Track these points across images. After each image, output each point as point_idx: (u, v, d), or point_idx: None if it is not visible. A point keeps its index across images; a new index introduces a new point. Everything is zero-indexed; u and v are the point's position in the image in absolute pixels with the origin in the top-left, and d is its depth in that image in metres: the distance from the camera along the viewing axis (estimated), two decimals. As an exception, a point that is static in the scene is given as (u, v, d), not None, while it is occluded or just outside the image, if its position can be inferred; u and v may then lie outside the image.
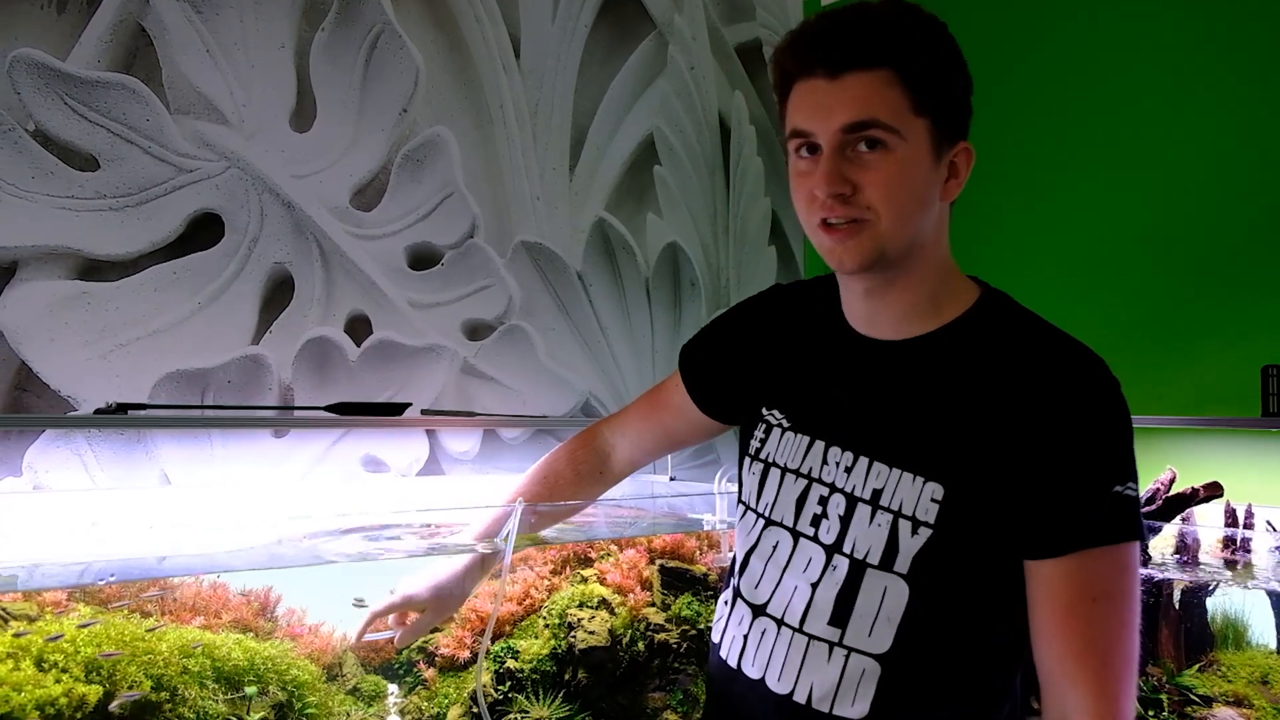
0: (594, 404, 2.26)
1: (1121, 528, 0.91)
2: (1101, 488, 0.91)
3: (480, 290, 2.07)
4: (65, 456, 1.57)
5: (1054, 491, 0.92)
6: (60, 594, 1.42)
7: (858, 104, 0.92)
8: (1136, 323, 2.15)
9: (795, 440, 1.08)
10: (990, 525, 0.94)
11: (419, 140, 1.98)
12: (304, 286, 1.82)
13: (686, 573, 1.90)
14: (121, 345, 1.63)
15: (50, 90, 1.55)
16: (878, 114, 0.91)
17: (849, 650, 0.98)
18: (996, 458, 0.94)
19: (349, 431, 1.84)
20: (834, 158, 0.93)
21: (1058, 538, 0.91)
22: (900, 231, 0.95)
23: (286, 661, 1.54)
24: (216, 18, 1.72)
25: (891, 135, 0.92)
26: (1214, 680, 1.77)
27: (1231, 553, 1.84)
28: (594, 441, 1.37)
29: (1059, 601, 0.91)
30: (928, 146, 0.94)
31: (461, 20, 2.06)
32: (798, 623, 1.02)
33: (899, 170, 0.93)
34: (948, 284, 1.02)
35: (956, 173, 0.97)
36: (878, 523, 0.98)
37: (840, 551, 1.00)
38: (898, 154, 0.92)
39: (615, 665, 1.75)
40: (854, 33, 0.93)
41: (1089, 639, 0.90)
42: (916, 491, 0.96)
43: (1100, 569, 0.91)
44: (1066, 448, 0.91)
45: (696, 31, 2.50)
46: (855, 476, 1.01)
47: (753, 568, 1.09)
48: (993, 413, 0.94)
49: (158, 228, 1.66)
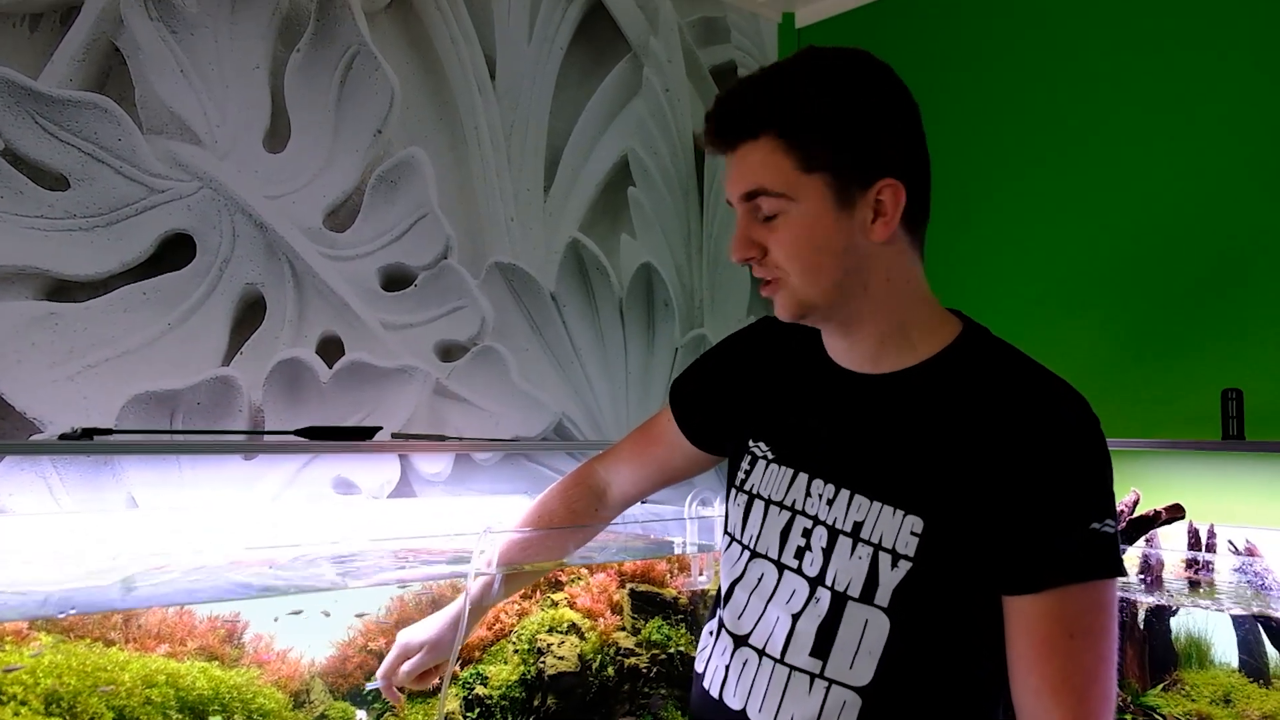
0: (567, 425, 2.26)
1: (1098, 565, 0.91)
2: (1079, 524, 0.91)
3: (453, 311, 2.07)
4: (30, 480, 1.55)
5: (1031, 527, 0.92)
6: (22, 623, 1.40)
7: (746, 174, 0.96)
8: (1100, 346, 2.19)
9: (779, 472, 1.08)
10: (969, 559, 0.95)
11: (393, 161, 1.98)
12: (276, 307, 1.81)
13: (657, 596, 1.91)
14: (90, 366, 1.61)
15: (21, 109, 1.53)
16: (763, 182, 0.95)
17: (830, 682, 0.98)
18: (976, 491, 0.94)
19: (320, 454, 1.83)
20: (743, 223, 0.98)
21: (1034, 573, 0.92)
22: (815, 285, 0.97)
23: (253, 689, 1.53)
24: (191, 37, 1.71)
25: (780, 200, 0.95)
26: (1178, 699, 1.79)
27: (1194, 573, 1.87)
28: (588, 479, 1.36)
29: (1036, 637, 0.92)
30: (828, 200, 0.95)
31: (437, 41, 2.06)
32: (779, 654, 1.02)
33: (796, 231, 0.95)
34: (920, 318, 1.02)
35: (883, 210, 0.96)
36: (858, 555, 0.98)
37: (823, 584, 1.00)
38: (793, 215, 0.95)
39: (585, 690, 1.75)
40: (735, 105, 0.96)
41: (1066, 674, 0.90)
42: (897, 524, 0.97)
43: (1078, 606, 0.91)
44: (1044, 483, 0.92)
45: (672, 54, 2.52)
46: (837, 509, 1.01)
47: (737, 598, 1.09)
48: (973, 447, 0.95)
49: (128, 248, 1.64)
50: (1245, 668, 1.78)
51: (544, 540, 1.36)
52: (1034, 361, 1.00)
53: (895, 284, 1.00)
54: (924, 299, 1.03)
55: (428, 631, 1.33)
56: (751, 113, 0.95)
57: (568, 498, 1.36)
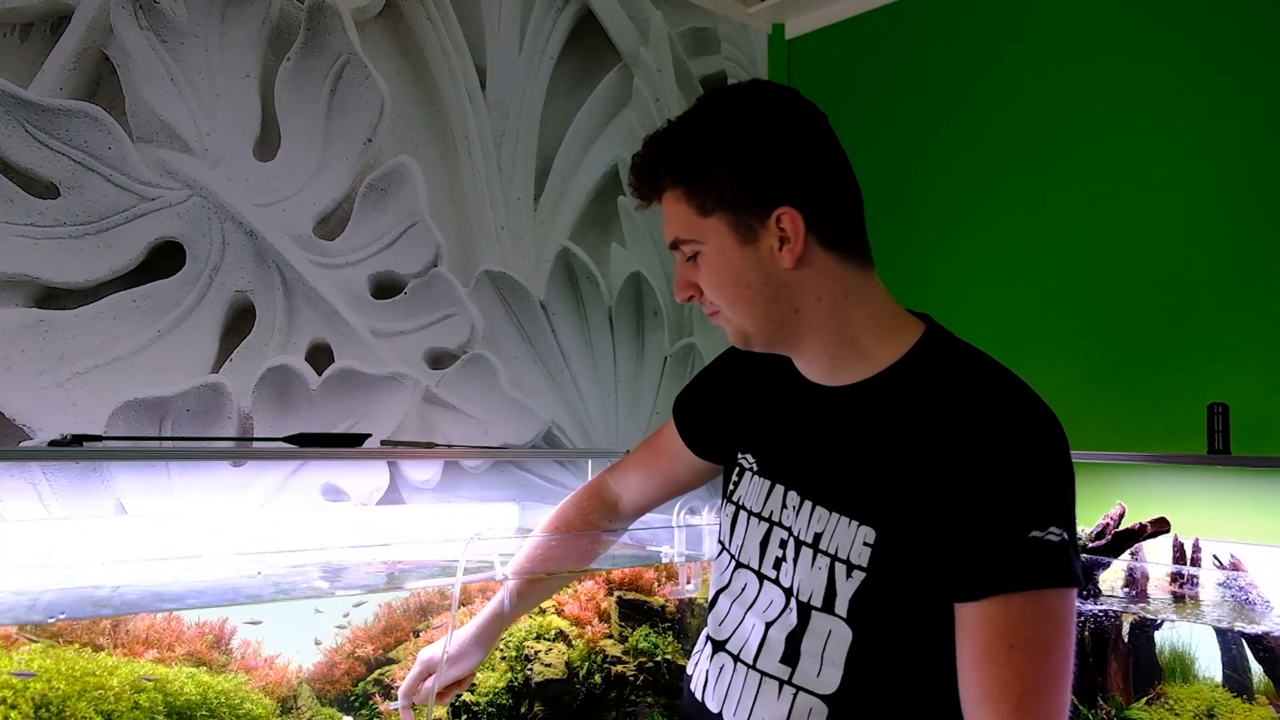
0: (556, 433, 2.27)
1: (1038, 574, 0.89)
2: (1018, 531, 0.89)
3: (443, 319, 2.07)
4: (19, 486, 1.55)
5: (973, 533, 0.91)
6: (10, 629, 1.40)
7: (666, 227, 1.03)
8: (1086, 360, 2.20)
9: (760, 484, 1.11)
10: (921, 568, 0.95)
11: (383, 169, 1.98)
12: (265, 315, 1.82)
13: (644, 604, 1.91)
14: (79, 373, 1.61)
15: (11, 118, 1.54)
16: (676, 232, 1.01)
17: (797, 689, 1.00)
18: (926, 501, 0.94)
19: (309, 461, 1.84)
20: (679, 267, 1.04)
21: (974, 580, 0.91)
22: (745, 317, 1.02)
23: (240, 695, 1.53)
24: (181, 46, 1.72)
25: (694, 244, 1.00)
26: (1162, 713, 1.80)
27: (1179, 587, 1.87)
28: (600, 492, 1.40)
29: (977, 645, 0.91)
30: (730, 238, 0.99)
31: (428, 50, 2.07)
32: (751, 659, 1.05)
33: (712, 270, 1.01)
34: (869, 328, 1.02)
35: (786, 237, 0.97)
36: (818, 566, 1.00)
37: (793, 594, 1.02)
38: (707, 256, 1.00)
39: (572, 698, 1.75)
40: (641, 163, 1.03)
41: (1002, 684, 0.88)
42: (851, 535, 0.98)
43: (1020, 615, 0.89)
44: (986, 489, 0.91)
45: (662, 64, 2.53)
46: (801, 520, 1.03)
47: (720, 606, 1.13)
48: (925, 456, 0.95)
49: (118, 256, 1.65)
50: (1229, 682, 1.78)
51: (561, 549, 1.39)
52: (995, 365, 0.99)
53: (827, 302, 1.00)
54: (870, 305, 1.02)
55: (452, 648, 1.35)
56: (655, 169, 1.01)
57: (583, 510, 1.39)
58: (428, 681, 1.33)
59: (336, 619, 1.74)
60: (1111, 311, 2.16)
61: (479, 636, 1.35)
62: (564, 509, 1.40)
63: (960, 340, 1.03)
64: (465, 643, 1.35)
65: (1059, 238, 2.25)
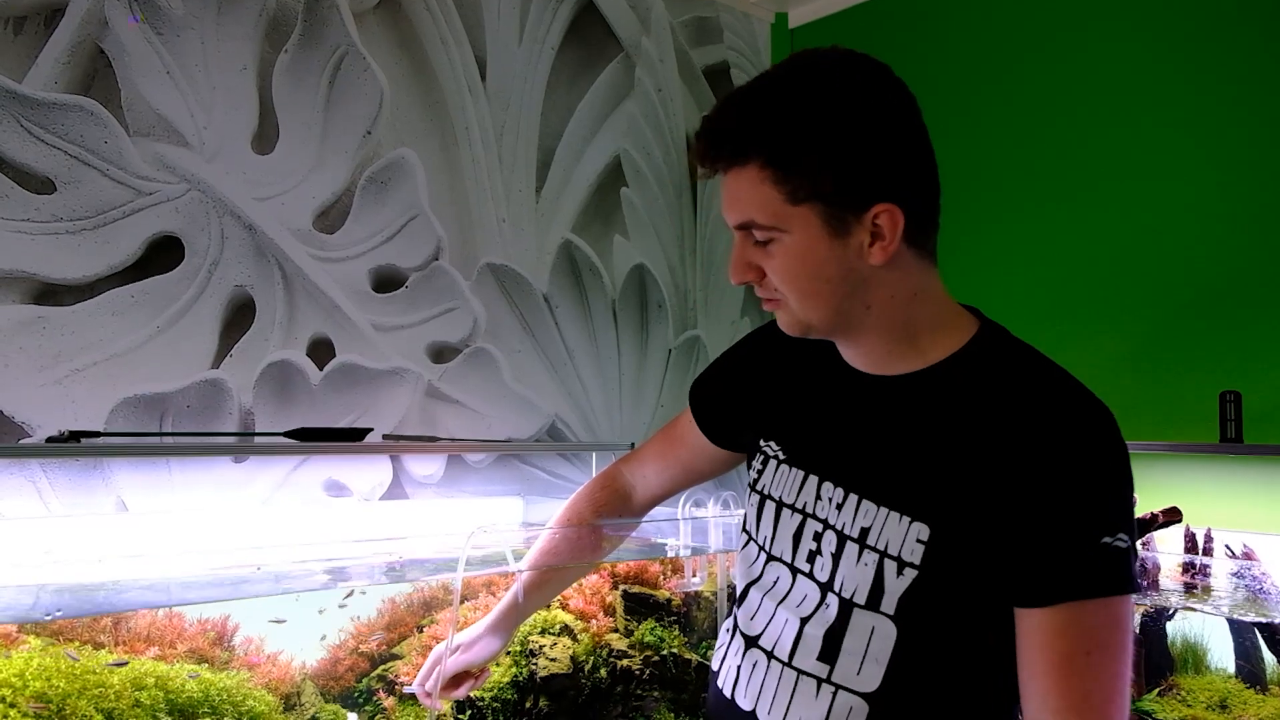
0: (560, 426, 2.26)
1: (1108, 581, 0.89)
2: (1089, 538, 0.88)
3: (445, 313, 2.06)
4: (19, 483, 1.54)
5: (1040, 540, 0.90)
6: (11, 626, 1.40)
7: (736, 206, 0.93)
8: (1098, 348, 2.18)
9: (790, 474, 1.07)
10: (976, 569, 0.93)
11: (383, 162, 1.97)
12: (265, 310, 1.81)
13: (650, 598, 1.90)
14: (78, 370, 1.60)
15: (6, 112, 1.53)
16: (752, 216, 0.92)
17: (836, 687, 0.98)
18: (985, 501, 0.92)
19: (310, 456, 1.83)
20: (740, 247, 0.96)
21: (1044, 587, 0.90)
22: (814, 308, 0.96)
23: (243, 692, 1.52)
24: (177, 39, 1.71)
25: (772, 232, 0.92)
26: (1174, 705, 1.78)
27: (1191, 577, 1.86)
28: (614, 482, 1.37)
29: (1054, 652, 0.90)
30: (820, 230, 0.91)
31: (427, 42, 2.05)
32: (787, 657, 1.02)
33: (790, 260, 0.93)
34: (929, 323, 0.99)
35: (881, 235, 0.91)
36: (864, 562, 0.97)
37: (832, 589, 0.99)
38: (786, 244, 0.92)
39: (577, 692, 1.74)
40: (721, 129, 0.92)
41: (1085, 692, 0.88)
42: (903, 531, 0.95)
43: (1093, 621, 0.89)
44: (1055, 495, 0.89)
45: (664, 54, 2.51)
46: (845, 514, 1.00)
47: (751, 599, 1.09)
48: (983, 454, 0.92)
49: (116, 251, 1.64)
50: (1242, 673, 1.76)
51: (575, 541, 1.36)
52: (1053, 364, 0.96)
53: (899, 299, 0.97)
54: (934, 303, 1.00)
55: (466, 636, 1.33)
56: (739, 137, 0.91)
57: (595, 501, 1.36)
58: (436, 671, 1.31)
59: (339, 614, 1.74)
60: (1123, 301, 2.14)
61: (494, 625, 1.32)
62: (576, 500, 1.37)
63: (1016, 338, 1.00)
64: (479, 632, 1.32)
65: (1070, 230, 2.23)
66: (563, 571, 1.39)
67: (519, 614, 1.36)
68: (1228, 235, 1.99)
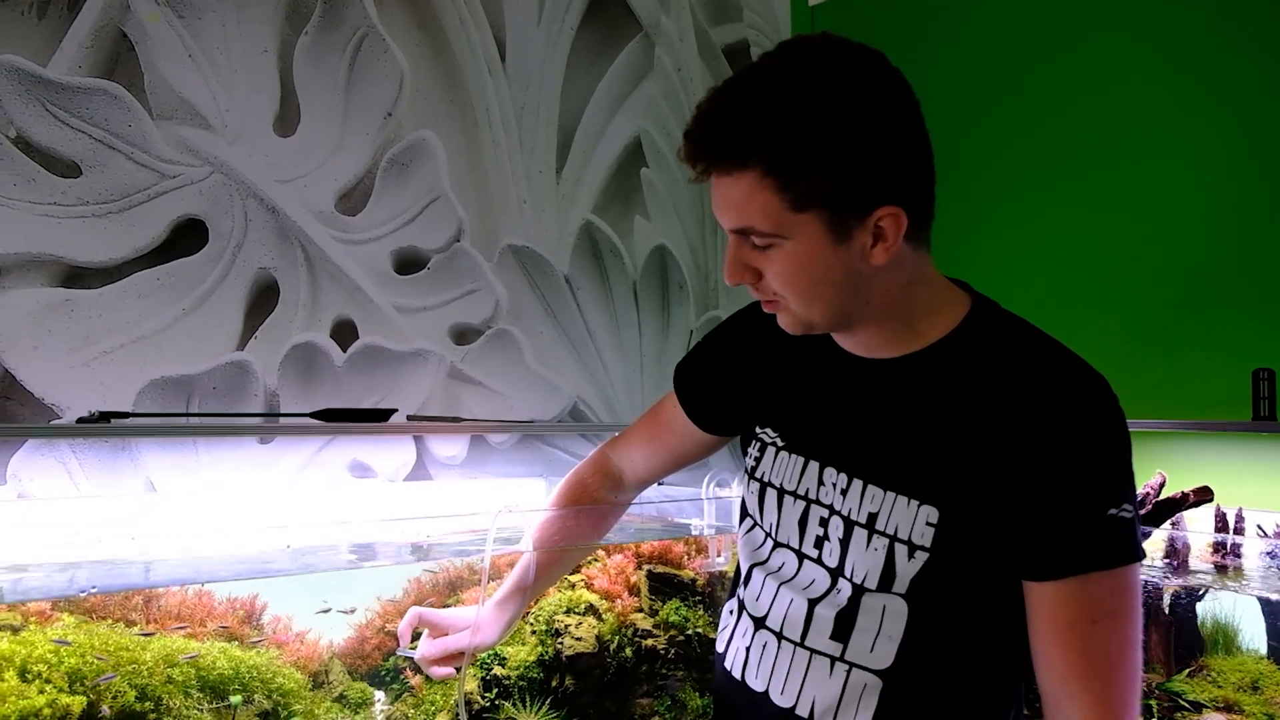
0: (582, 408, 2.26)
1: (1117, 552, 0.90)
2: (1096, 511, 0.89)
3: (467, 294, 2.06)
4: (49, 464, 1.56)
5: (1048, 514, 0.90)
6: (45, 603, 1.42)
7: (734, 211, 0.90)
8: (1128, 326, 2.15)
9: (790, 461, 1.07)
10: (987, 547, 0.93)
11: (404, 144, 1.97)
12: (289, 292, 1.82)
13: (674, 578, 1.90)
14: (105, 352, 1.62)
15: (31, 96, 1.54)
16: (753, 222, 0.89)
17: (850, 665, 0.98)
18: (991, 479, 0.92)
19: (335, 437, 1.84)
20: (735, 249, 0.93)
21: (1053, 561, 0.91)
22: (816, 310, 0.94)
23: (272, 669, 1.54)
24: (198, 22, 1.71)
25: (773, 238, 0.90)
26: (1204, 686, 1.76)
27: (1221, 557, 1.83)
28: (604, 466, 1.37)
29: (1060, 623, 0.91)
30: (823, 236, 0.89)
31: (446, 23, 2.05)
32: (798, 637, 1.02)
33: (792, 265, 0.91)
34: (926, 307, 0.98)
35: (884, 236, 0.89)
36: (874, 547, 0.97)
37: (843, 575, 0.99)
38: (787, 250, 0.90)
39: (603, 671, 1.75)
40: (718, 132, 0.87)
41: (1091, 660, 0.89)
42: (911, 515, 0.95)
43: (1100, 590, 0.90)
44: (1060, 469, 0.90)
45: (683, 33, 2.49)
46: (851, 499, 1.00)
47: (755, 580, 1.09)
48: (986, 432, 0.93)
49: (141, 234, 1.65)
50: (1274, 654, 1.74)
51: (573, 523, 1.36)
52: (1047, 337, 0.96)
53: (895, 292, 0.96)
54: (929, 286, 0.99)
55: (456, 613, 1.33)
56: (737, 143, 0.86)
57: (587, 485, 1.36)
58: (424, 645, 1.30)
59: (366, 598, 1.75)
60: (1153, 276, 2.11)
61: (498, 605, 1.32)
62: (567, 484, 1.37)
63: (1007, 312, 1.00)
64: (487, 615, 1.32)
65: (1099, 202, 2.20)
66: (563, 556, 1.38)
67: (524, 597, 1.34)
68: (1259, 210, 1.96)
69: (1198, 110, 2.05)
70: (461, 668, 1.30)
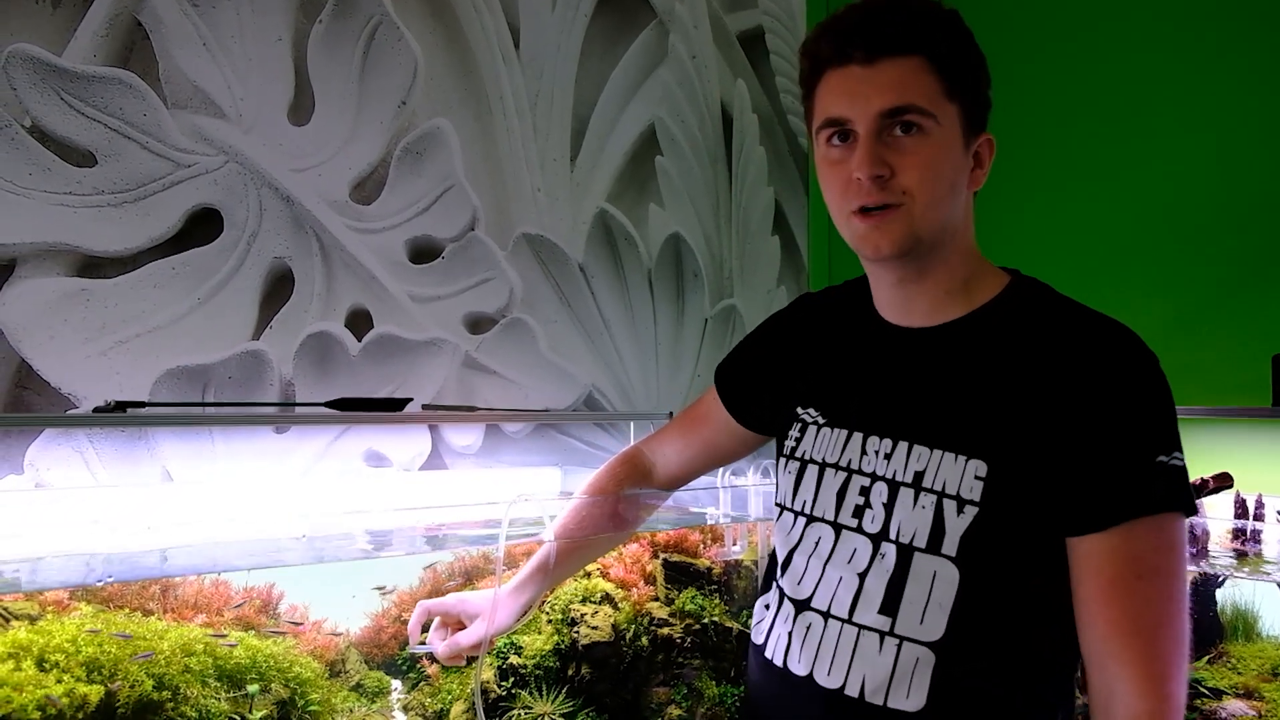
0: (596, 396, 2.25)
1: (1166, 498, 0.89)
2: (1145, 456, 0.89)
3: (481, 283, 2.06)
4: (66, 454, 1.56)
5: (1097, 461, 0.90)
6: (62, 593, 1.42)
7: (894, 89, 0.95)
8: (1147, 311, 2.13)
9: (833, 435, 1.08)
10: (1036, 500, 0.93)
11: (418, 133, 1.96)
12: (304, 281, 1.81)
13: (690, 567, 1.90)
14: (121, 342, 1.62)
15: (46, 85, 1.54)
16: (914, 99, 0.95)
17: (901, 639, 0.96)
18: (1039, 431, 0.93)
19: (351, 427, 1.84)
20: (871, 142, 0.96)
21: (1101, 508, 0.90)
22: (933, 216, 0.97)
23: (289, 659, 1.54)
24: (213, 11, 1.70)
25: (928, 119, 0.95)
26: (1224, 672, 1.75)
27: (1241, 543, 1.82)
28: (636, 460, 1.38)
29: (1104, 578, 0.90)
30: (959, 132, 0.97)
31: (460, 11, 2.04)
32: (846, 613, 1.00)
33: (934, 154, 0.96)
34: (977, 271, 1.04)
35: (981, 162, 1.00)
36: (922, 504, 0.97)
37: (887, 538, 0.99)
38: (933, 137, 0.96)
39: (619, 660, 1.74)
40: (888, 21, 0.96)
41: (1135, 617, 0.88)
42: (960, 470, 0.96)
43: (1145, 544, 0.89)
44: (1108, 417, 0.91)
45: (698, 20, 2.48)
46: (895, 462, 1.01)
47: (795, 564, 1.08)
48: (1032, 387, 0.94)
49: (156, 224, 1.65)
50: (1294, 641, 1.73)
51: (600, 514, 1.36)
52: (1086, 306, 0.99)
53: (969, 237, 1.04)
54: (980, 256, 1.06)
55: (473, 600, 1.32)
56: (907, 30, 0.95)
57: (617, 477, 1.37)
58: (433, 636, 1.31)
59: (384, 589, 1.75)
60: (1173, 262, 2.10)
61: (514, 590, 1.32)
62: (598, 477, 1.38)
63: (1048, 285, 1.05)
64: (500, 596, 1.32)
65: (1116, 192, 2.19)
66: (586, 547, 1.38)
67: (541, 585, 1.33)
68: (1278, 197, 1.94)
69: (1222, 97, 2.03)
70: (478, 657, 1.29)
